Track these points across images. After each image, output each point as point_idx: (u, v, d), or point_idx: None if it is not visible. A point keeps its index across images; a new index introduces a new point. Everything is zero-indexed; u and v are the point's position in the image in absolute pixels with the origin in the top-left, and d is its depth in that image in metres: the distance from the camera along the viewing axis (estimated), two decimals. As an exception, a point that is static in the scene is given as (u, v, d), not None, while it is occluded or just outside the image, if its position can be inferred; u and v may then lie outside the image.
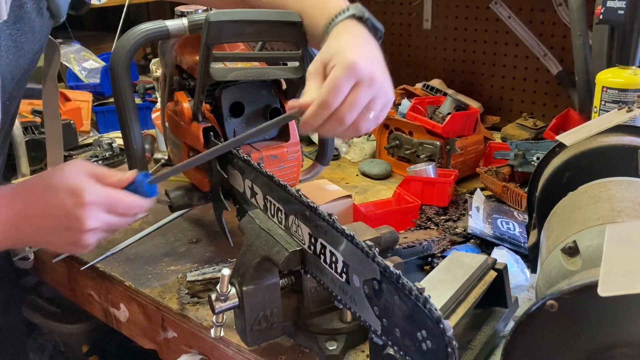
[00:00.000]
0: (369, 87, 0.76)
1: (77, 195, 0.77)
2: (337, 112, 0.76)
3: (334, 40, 0.81)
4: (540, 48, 1.67)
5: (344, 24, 0.84)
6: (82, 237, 0.79)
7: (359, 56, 0.75)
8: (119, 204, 0.81)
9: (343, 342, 0.80)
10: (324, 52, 0.79)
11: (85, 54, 2.19)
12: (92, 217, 0.78)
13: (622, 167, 0.78)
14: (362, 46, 0.80)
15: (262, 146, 1.06)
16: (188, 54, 1.07)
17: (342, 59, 0.75)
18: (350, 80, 0.75)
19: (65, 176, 0.79)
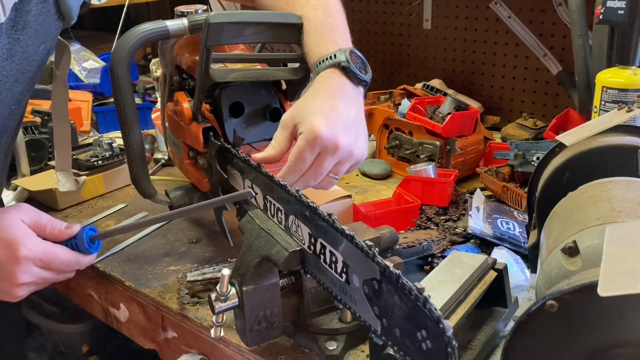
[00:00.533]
0: (332, 156, 0.82)
1: (12, 248, 0.77)
2: (303, 178, 0.83)
3: (309, 97, 0.85)
4: (540, 48, 1.67)
5: (326, 74, 0.87)
6: (14, 289, 0.80)
7: (326, 125, 0.80)
8: (54, 260, 0.81)
9: (343, 342, 0.80)
10: (296, 109, 0.85)
11: (85, 54, 2.19)
12: (25, 272, 0.78)
13: (622, 167, 0.78)
14: (333, 108, 0.83)
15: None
16: (188, 54, 1.07)
17: (308, 128, 0.80)
18: (313, 151, 0.81)
19: (3, 226, 0.79)
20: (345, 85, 0.87)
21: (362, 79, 0.88)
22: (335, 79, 0.87)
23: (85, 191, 1.36)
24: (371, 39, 2.06)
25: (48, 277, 0.82)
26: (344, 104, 0.85)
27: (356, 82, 0.88)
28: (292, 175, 0.83)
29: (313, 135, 0.79)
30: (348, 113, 0.84)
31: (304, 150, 0.81)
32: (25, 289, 0.81)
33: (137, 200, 1.31)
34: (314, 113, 0.82)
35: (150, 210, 1.28)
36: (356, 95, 0.88)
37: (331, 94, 0.85)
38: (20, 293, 0.81)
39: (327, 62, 0.87)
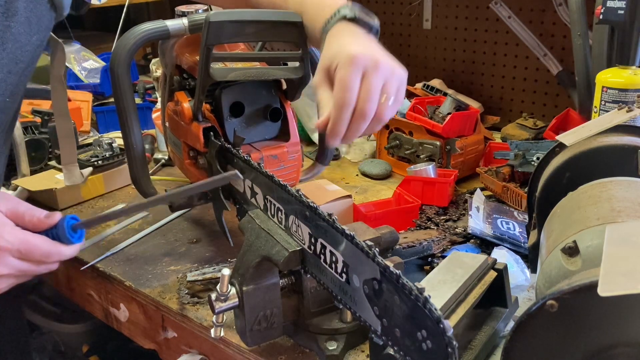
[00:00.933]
0: (377, 73, 0.76)
1: None
2: (358, 108, 0.77)
3: (329, 47, 0.82)
4: (540, 48, 1.67)
5: (337, 28, 0.85)
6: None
7: (357, 48, 0.77)
8: (33, 251, 0.76)
9: (343, 342, 0.80)
10: (323, 60, 0.80)
11: (85, 54, 2.19)
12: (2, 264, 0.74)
13: (622, 167, 0.78)
14: (358, 40, 0.81)
15: (262, 146, 1.06)
16: (188, 54, 1.07)
17: (342, 57, 0.76)
18: (357, 73, 0.75)
19: None
20: (358, 31, 0.84)
21: (371, 24, 0.86)
22: (346, 28, 0.84)
23: (85, 191, 1.36)
24: (371, 39, 2.06)
25: (27, 269, 0.77)
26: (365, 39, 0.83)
27: (367, 29, 0.86)
28: (345, 112, 0.76)
29: (350, 57, 0.75)
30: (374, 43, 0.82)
31: (347, 76, 0.75)
32: (4, 281, 0.76)
33: (137, 200, 1.31)
34: (341, 47, 0.78)
35: (150, 211, 1.28)
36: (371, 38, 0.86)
37: (347, 36, 0.83)
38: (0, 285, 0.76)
39: (333, 19, 0.86)
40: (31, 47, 0.88)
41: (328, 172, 1.48)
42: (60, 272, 1.21)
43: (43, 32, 0.91)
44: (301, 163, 1.11)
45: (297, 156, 1.08)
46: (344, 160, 1.59)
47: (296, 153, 1.07)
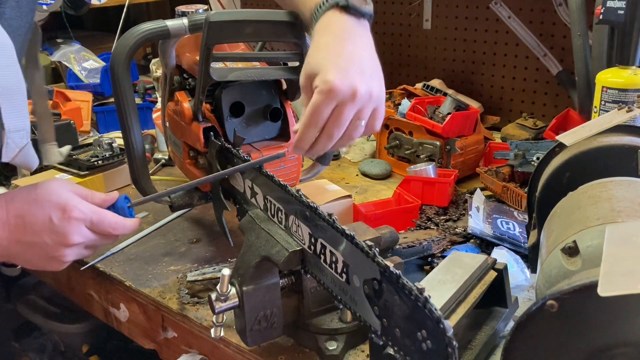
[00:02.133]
0: (352, 104, 0.77)
1: (64, 210, 0.78)
2: (325, 130, 0.78)
3: (315, 48, 0.82)
4: (540, 48, 1.67)
5: (327, 18, 0.83)
6: (64, 252, 0.80)
7: (338, 73, 0.76)
8: (103, 221, 0.82)
9: (343, 342, 0.80)
10: (307, 66, 0.81)
11: (85, 54, 2.19)
12: (77, 233, 0.79)
13: (622, 167, 0.78)
14: (342, 50, 0.80)
15: (263, 146, 1.06)
16: (188, 54, 1.07)
17: (322, 81, 0.76)
18: (330, 104, 0.76)
19: (52, 191, 0.80)
20: (349, 24, 0.83)
21: (364, 12, 0.84)
22: (336, 20, 0.83)
23: (85, 191, 1.36)
24: (371, 39, 2.06)
25: (96, 240, 0.83)
26: (352, 44, 0.81)
27: (358, 15, 0.84)
28: (309, 131, 0.78)
29: (327, 87, 0.75)
30: (358, 53, 0.80)
31: (320, 105, 0.76)
32: (75, 251, 0.81)
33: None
34: (323, 64, 0.78)
35: (150, 211, 1.28)
36: (362, 32, 0.84)
37: (336, 37, 0.81)
38: (69, 257, 0.81)
39: (324, 6, 0.84)
40: (22, 31, 0.88)
41: (328, 172, 1.48)
42: (60, 272, 1.21)
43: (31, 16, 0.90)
44: (301, 163, 1.11)
45: (297, 156, 1.08)
46: (344, 160, 1.59)
47: (296, 153, 1.07)
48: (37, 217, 0.78)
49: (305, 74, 0.81)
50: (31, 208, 0.79)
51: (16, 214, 0.79)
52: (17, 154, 0.81)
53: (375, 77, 0.81)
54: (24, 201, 0.80)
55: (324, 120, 0.77)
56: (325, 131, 0.79)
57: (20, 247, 0.80)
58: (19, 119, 0.78)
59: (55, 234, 0.79)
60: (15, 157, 0.81)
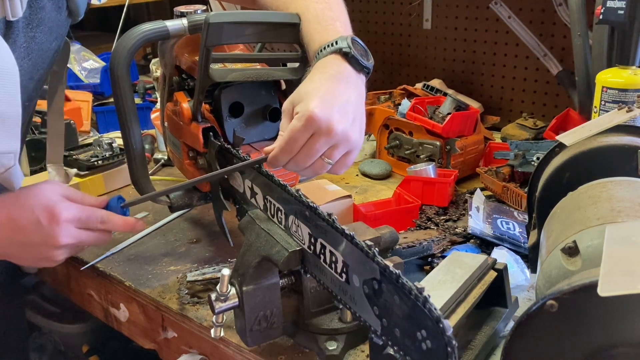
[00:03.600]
0: (326, 139, 0.79)
1: (52, 212, 0.81)
2: (294, 158, 0.80)
3: (308, 81, 0.83)
4: (540, 48, 1.67)
5: (327, 60, 0.85)
6: (55, 252, 0.83)
7: (321, 106, 0.78)
8: (92, 217, 0.84)
9: (343, 342, 0.80)
10: (295, 93, 0.82)
11: (85, 54, 2.19)
12: (66, 234, 0.82)
13: (622, 167, 0.78)
14: (333, 90, 0.81)
15: (262, 146, 1.06)
16: (188, 54, 1.07)
17: (303, 108, 0.78)
18: (306, 131, 0.78)
19: (40, 195, 0.82)
20: (346, 70, 0.85)
21: (364, 65, 0.86)
22: (335, 64, 0.85)
23: (85, 191, 1.36)
24: (371, 39, 2.06)
25: (87, 238, 0.85)
26: (343, 88, 0.82)
27: (358, 68, 0.86)
28: (283, 155, 0.80)
29: (307, 114, 0.77)
30: (347, 97, 0.82)
31: (296, 130, 0.78)
32: (65, 251, 0.84)
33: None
34: (310, 94, 0.80)
35: (150, 210, 1.28)
36: (357, 81, 0.86)
37: (330, 77, 0.83)
38: (60, 256, 0.84)
39: (328, 49, 0.86)
40: (50, 53, 0.93)
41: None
42: (60, 272, 1.21)
43: (61, 38, 0.95)
44: (301, 163, 1.11)
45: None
46: (344, 160, 1.59)
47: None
48: (27, 220, 0.81)
49: (291, 99, 0.82)
50: (20, 211, 0.81)
51: (8, 216, 0.81)
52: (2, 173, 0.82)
53: (357, 123, 0.82)
54: (13, 204, 0.82)
55: (298, 147, 0.79)
56: (295, 159, 0.80)
57: (14, 247, 0.82)
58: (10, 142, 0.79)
59: (44, 236, 0.81)
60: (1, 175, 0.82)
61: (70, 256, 0.87)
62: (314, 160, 0.80)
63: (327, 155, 0.81)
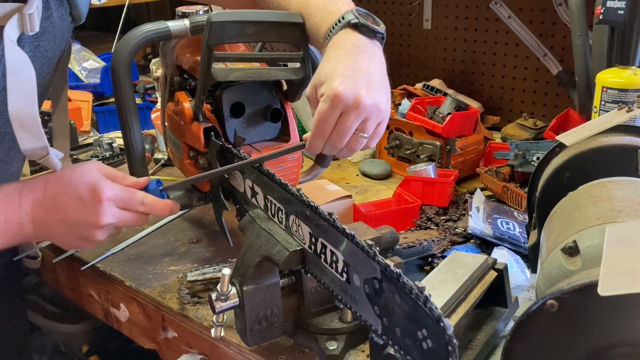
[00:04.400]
0: (356, 114, 0.78)
1: (95, 191, 0.81)
2: (329, 140, 0.80)
3: (325, 62, 0.83)
4: (540, 48, 1.67)
5: (339, 37, 0.85)
6: (96, 232, 0.82)
7: (344, 81, 0.77)
8: (133, 198, 0.84)
9: (343, 342, 0.80)
10: (316, 77, 0.82)
11: (85, 54, 2.19)
12: (108, 213, 0.81)
13: (622, 167, 0.78)
14: (352, 63, 0.80)
15: (263, 146, 1.06)
16: (189, 55, 1.07)
17: (327, 89, 0.78)
18: (335, 111, 0.78)
19: (84, 173, 0.83)
20: (360, 41, 0.84)
21: (376, 30, 0.85)
22: (348, 38, 0.84)
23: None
24: (371, 39, 2.06)
25: (127, 218, 0.84)
26: (361, 59, 0.82)
27: (370, 35, 0.85)
28: (317, 140, 0.80)
29: (331, 94, 0.76)
30: (367, 67, 0.81)
31: (325, 112, 0.77)
32: (105, 231, 0.83)
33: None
34: (330, 74, 0.79)
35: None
36: (373, 50, 0.85)
37: (346, 52, 0.82)
38: (100, 236, 0.83)
39: (337, 27, 0.85)
40: (55, 59, 0.94)
41: (328, 172, 1.48)
42: (60, 272, 1.21)
43: (65, 43, 0.95)
44: (301, 164, 1.11)
45: (297, 157, 1.08)
46: (344, 160, 1.59)
47: (296, 154, 1.07)
48: (70, 198, 0.81)
49: (312, 84, 0.82)
50: (64, 189, 0.82)
51: (52, 194, 0.82)
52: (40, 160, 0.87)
53: (383, 91, 0.81)
54: (57, 183, 0.83)
55: (330, 129, 0.79)
56: (330, 142, 0.80)
57: (57, 226, 0.82)
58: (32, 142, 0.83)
59: (87, 214, 0.81)
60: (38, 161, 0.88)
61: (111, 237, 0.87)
62: (348, 138, 0.80)
63: (360, 130, 0.80)
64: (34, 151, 0.84)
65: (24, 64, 0.79)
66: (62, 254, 1.15)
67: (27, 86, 0.79)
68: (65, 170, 0.85)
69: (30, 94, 0.80)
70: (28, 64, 0.79)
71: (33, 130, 0.81)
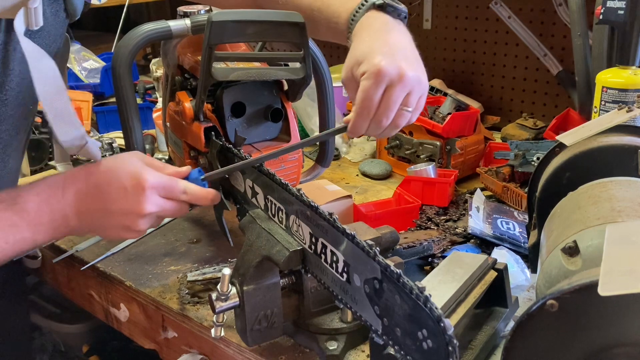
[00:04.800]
0: (401, 87, 0.77)
1: (138, 179, 0.80)
2: (376, 117, 0.79)
3: (358, 42, 0.82)
4: (540, 48, 1.67)
5: (367, 18, 0.84)
6: (139, 221, 0.81)
7: (384, 57, 0.77)
8: (175, 187, 0.83)
9: (343, 342, 0.80)
10: (351, 58, 0.81)
11: (85, 54, 2.19)
12: (151, 202, 0.80)
13: (622, 167, 0.78)
14: (386, 40, 0.80)
15: (263, 146, 1.06)
16: (190, 54, 1.07)
17: (370, 66, 0.77)
18: (380, 87, 0.77)
19: (126, 162, 0.82)
20: (388, 20, 0.84)
21: (400, 9, 0.85)
22: (375, 19, 0.84)
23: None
24: (371, 39, 2.06)
25: (169, 208, 0.83)
26: (394, 36, 0.82)
27: (395, 15, 0.85)
28: (362, 120, 0.79)
29: (374, 70, 0.76)
30: (401, 43, 0.81)
31: (369, 89, 0.77)
32: (148, 221, 0.82)
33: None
34: (368, 53, 0.78)
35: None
36: (400, 27, 0.85)
37: (377, 31, 0.82)
38: (143, 226, 0.82)
39: (361, 10, 0.85)
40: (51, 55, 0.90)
41: (328, 172, 1.48)
42: (60, 272, 1.21)
43: (60, 40, 0.94)
44: (302, 164, 1.11)
45: (297, 157, 1.08)
46: (344, 160, 1.59)
47: (297, 153, 1.07)
48: (113, 187, 0.80)
49: (348, 66, 0.81)
50: (107, 178, 0.81)
51: (94, 183, 0.81)
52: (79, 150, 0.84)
53: (420, 65, 0.81)
54: (99, 172, 0.82)
55: (375, 106, 0.78)
56: (376, 118, 0.79)
57: (100, 216, 0.81)
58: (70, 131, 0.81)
59: (130, 203, 0.80)
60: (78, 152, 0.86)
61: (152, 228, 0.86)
62: (394, 113, 0.79)
63: (403, 104, 0.79)
64: (72, 142, 0.82)
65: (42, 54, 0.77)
66: (62, 254, 1.15)
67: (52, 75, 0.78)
68: (107, 159, 0.84)
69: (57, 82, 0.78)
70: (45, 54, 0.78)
71: (69, 119, 0.80)
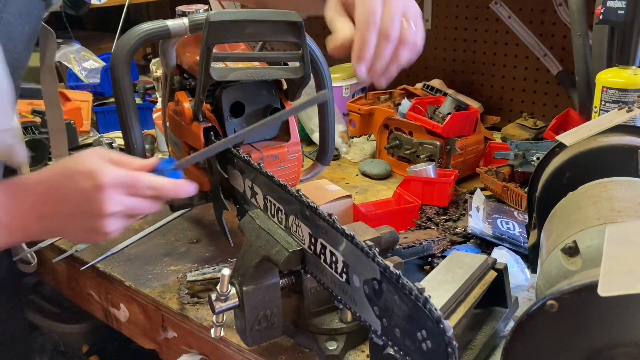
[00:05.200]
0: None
1: (94, 178, 0.74)
2: (382, 29, 0.75)
3: None
4: (540, 48, 1.67)
5: None
6: (103, 223, 0.76)
7: None
8: (138, 183, 0.77)
9: (343, 342, 0.80)
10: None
11: (85, 54, 2.19)
12: (112, 201, 0.75)
13: (622, 167, 0.78)
14: None
15: (263, 146, 1.06)
16: (189, 54, 1.07)
17: None
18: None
19: (82, 161, 0.77)
20: None
21: None
22: None
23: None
24: (371, 39, 2.06)
25: (136, 205, 0.78)
26: None
27: None
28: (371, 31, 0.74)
29: None
30: None
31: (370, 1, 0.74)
32: (114, 221, 0.77)
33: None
34: None
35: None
36: None
37: None
38: (110, 227, 0.77)
39: None
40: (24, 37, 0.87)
41: (328, 172, 1.48)
42: (60, 272, 1.21)
43: (34, 23, 0.89)
44: (301, 163, 1.11)
45: (297, 156, 1.08)
46: (344, 160, 1.59)
47: (296, 153, 1.07)
48: (70, 190, 0.76)
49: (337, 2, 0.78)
50: (64, 180, 0.76)
51: (50, 187, 0.77)
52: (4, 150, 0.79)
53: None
54: (57, 174, 0.78)
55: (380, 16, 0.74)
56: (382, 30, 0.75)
57: (61, 221, 0.77)
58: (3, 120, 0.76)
59: (89, 205, 0.75)
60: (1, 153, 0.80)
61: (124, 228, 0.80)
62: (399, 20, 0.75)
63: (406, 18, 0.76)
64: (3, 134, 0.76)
65: None
66: (62, 254, 1.15)
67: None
68: (65, 160, 0.79)
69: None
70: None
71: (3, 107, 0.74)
